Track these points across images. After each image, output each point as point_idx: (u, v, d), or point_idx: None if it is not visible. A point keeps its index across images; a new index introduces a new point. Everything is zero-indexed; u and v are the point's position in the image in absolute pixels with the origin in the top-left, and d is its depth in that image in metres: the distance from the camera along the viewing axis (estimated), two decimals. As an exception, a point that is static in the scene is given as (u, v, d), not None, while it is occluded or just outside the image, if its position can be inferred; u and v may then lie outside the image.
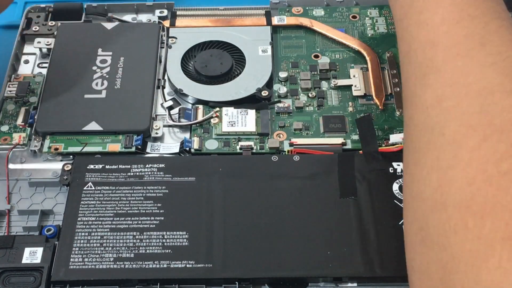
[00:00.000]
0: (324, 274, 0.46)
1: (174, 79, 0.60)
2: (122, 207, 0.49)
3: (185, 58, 0.62)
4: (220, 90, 0.59)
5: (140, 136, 0.55)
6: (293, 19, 0.66)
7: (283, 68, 0.62)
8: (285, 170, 0.52)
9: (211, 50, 0.62)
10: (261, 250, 0.47)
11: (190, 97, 0.59)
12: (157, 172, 0.51)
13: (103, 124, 0.55)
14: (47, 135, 0.55)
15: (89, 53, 0.61)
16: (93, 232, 0.48)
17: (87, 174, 0.51)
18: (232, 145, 0.55)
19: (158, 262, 0.46)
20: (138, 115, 0.56)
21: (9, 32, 0.66)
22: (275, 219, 0.49)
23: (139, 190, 0.50)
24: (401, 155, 0.53)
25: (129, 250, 0.47)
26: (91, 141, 0.55)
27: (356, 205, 0.49)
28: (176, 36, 0.64)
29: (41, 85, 0.60)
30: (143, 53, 0.61)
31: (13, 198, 0.52)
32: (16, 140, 0.55)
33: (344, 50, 0.64)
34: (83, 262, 0.46)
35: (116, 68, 0.60)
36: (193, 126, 0.57)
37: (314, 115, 0.58)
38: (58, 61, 0.61)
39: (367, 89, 0.59)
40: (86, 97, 0.58)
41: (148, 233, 0.48)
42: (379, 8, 0.67)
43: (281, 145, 0.55)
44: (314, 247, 0.47)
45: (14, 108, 0.58)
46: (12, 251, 0.47)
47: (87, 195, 0.50)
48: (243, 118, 0.57)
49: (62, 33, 0.63)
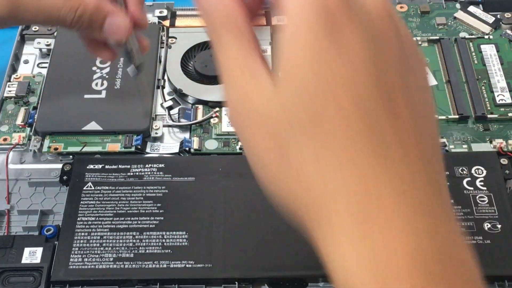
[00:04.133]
0: (324, 274, 0.46)
1: (174, 79, 0.60)
2: (121, 207, 0.49)
3: (185, 58, 0.62)
4: (220, 90, 0.59)
5: (140, 136, 0.55)
6: (293, 19, 0.66)
7: (283, 68, 0.62)
8: None
9: (211, 50, 0.62)
10: (261, 250, 0.47)
11: (190, 97, 0.59)
12: (157, 172, 0.51)
13: (103, 124, 0.55)
14: (46, 135, 0.55)
15: (89, 53, 0.61)
16: (93, 232, 0.48)
17: (86, 174, 0.51)
18: (231, 145, 0.55)
19: (157, 262, 0.46)
20: (138, 115, 0.56)
21: (9, 32, 0.66)
22: (275, 219, 0.48)
23: (139, 190, 0.50)
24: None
25: (128, 250, 0.47)
26: (91, 141, 0.55)
27: (356, 205, 0.49)
28: (176, 36, 0.64)
29: (41, 85, 0.60)
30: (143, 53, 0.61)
31: (13, 198, 0.52)
32: (16, 140, 0.55)
33: (344, 50, 0.63)
34: (83, 262, 0.46)
35: (116, 68, 0.60)
36: (192, 126, 0.57)
37: (314, 115, 0.58)
38: (58, 61, 0.61)
39: (367, 89, 0.59)
40: (86, 97, 0.58)
41: (147, 233, 0.48)
42: (379, 8, 0.67)
43: (281, 145, 0.55)
44: (314, 247, 0.47)
45: (14, 108, 0.58)
46: (11, 251, 0.47)
47: (86, 195, 0.50)
48: (243, 118, 0.57)
49: (62, 33, 0.63)
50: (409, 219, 0.23)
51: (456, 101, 0.58)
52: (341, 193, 0.23)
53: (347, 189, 0.23)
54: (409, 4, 0.68)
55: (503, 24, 0.65)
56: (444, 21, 0.66)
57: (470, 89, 0.59)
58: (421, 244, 0.23)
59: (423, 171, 0.24)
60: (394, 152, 0.23)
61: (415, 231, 0.23)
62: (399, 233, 0.23)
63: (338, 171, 0.23)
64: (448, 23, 0.66)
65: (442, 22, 0.66)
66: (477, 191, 0.50)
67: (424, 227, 0.23)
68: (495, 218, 0.49)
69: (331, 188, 0.23)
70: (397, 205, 0.23)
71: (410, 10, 0.67)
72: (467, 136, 0.56)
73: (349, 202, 0.23)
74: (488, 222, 0.49)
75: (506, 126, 0.57)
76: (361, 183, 0.23)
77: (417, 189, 0.23)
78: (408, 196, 0.23)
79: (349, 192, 0.23)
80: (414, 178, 0.23)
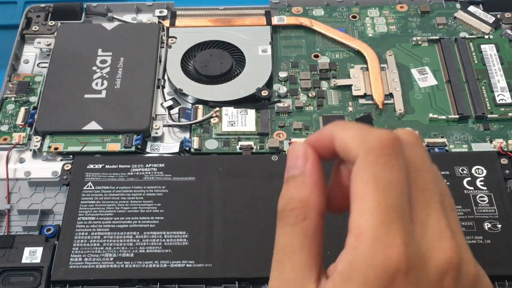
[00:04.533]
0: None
1: (174, 79, 0.60)
2: (122, 207, 0.49)
3: (185, 58, 0.62)
4: (220, 90, 0.59)
5: (140, 136, 0.55)
6: (293, 19, 0.66)
7: (283, 68, 0.62)
8: (285, 170, 0.51)
9: (211, 50, 0.62)
10: (261, 250, 0.47)
11: (190, 97, 0.59)
12: (157, 172, 0.51)
13: (103, 123, 0.55)
14: (47, 134, 0.55)
15: (89, 53, 0.61)
16: (93, 232, 0.48)
17: (87, 173, 0.51)
18: (232, 145, 0.55)
19: (158, 262, 0.46)
20: (138, 115, 0.56)
21: (9, 32, 0.66)
22: (275, 219, 0.48)
23: (139, 189, 0.50)
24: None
25: (129, 249, 0.47)
26: (91, 140, 0.55)
27: (356, 205, 0.49)
28: (176, 36, 0.64)
29: (41, 85, 0.60)
30: (143, 53, 0.61)
31: (13, 198, 0.52)
32: (16, 139, 0.55)
33: (344, 50, 0.63)
34: (83, 262, 0.46)
35: (116, 68, 0.60)
36: (193, 126, 0.57)
37: (314, 115, 0.58)
38: (58, 61, 0.61)
39: (367, 89, 0.59)
40: (86, 97, 0.58)
41: (148, 232, 0.48)
42: (379, 8, 0.67)
43: (281, 145, 0.55)
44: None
45: (14, 107, 0.58)
46: (12, 250, 0.47)
47: (87, 194, 0.50)
48: (243, 118, 0.57)
49: (62, 33, 0.63)
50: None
51: (456, 101, 0.58)
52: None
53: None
54: (409, 4, 0.68)
55: (503, 24, 0.65)
56: (444, 21, 0.66)
57: (470, 89, 0.59)
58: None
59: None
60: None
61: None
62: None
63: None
64: (448, 23, 0.66)
65: (442, 22, 0.66)
66: (477, 191, 0.50)
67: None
68: (495, 218, 0.49)
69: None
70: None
71: (410, 10, 0.67)
72: (467, 136, 0.56)
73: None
74: (488, 222, 0.49)
75: (506, 126, 0.57)
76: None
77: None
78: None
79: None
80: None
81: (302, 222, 0.27)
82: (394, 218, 0.24)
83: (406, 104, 0.58)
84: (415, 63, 0.62)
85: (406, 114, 0.58)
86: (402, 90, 0.59)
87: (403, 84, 0.60)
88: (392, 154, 0.25)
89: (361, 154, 0.25)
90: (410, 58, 0.63)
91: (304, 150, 0.28)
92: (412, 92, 0.60)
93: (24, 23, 0.65)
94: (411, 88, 0.60)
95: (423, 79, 0.61)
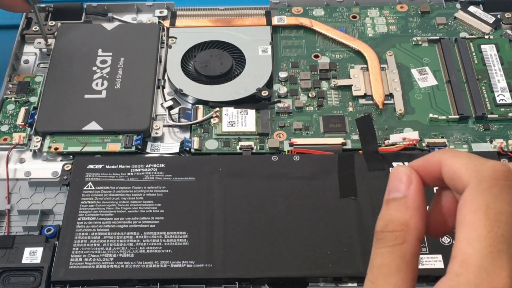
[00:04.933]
0: (324, 274, 0.46)
1: (174, 79, 0.60)
2: (122, 207, 0.49)
3: (185, 58, 0.62)
4: (220, 90, 0.59)
5: (140, 136, 0.55)
6: (293, 19, 0.66)
7: (283, 68, 0.62)
8: (285, 170, 0.52)
9: (211, 50, 0.62)
10: (261, 250, 0.47)
11: (190, 97, 0.59)
12: (157, 172, 0.51)
13: (103, 124, 0.55)
14: (47, 134, 0.55)
15: (89, 53, 0.61)
16: (93, 232, 0.48)
17: (87, 174, 0.51)
18: (232, 145, 0.55)
19: (158, 262, 0.46)
20: (138, 115, 0.56)
21: (9, 32, 0.66)
22: (275, 219, 0.48)
23: (139, 190, 0.50)
24: (401, 155, 0.53)
25: (129, 250, 0.47)
26: (91, 141, 0.55)
27: (356, 205, 0.49)
28: (176, 36, 0.64)
29: (41, 85, 0.60)
30: (143, 53, 0.61)
31: (13, 198, 0.52)
32: (16, 140, 0.55)
33: (344, 50, 0.63)
34: (83, 262, 0.46)
35: (116, 68, 0.60)
36: (193, 126, 0.57)
37: (314, 115, 0.58)
38: (58, 61, 0.61)
39: (367, 89, 0.59)
40: (86, 97, 0.58)
41: (148, 233, 0.48)
42: (379, 8, 0.67)
43: (281, 145, 0.55)
44: (314, 247, 0.47)
45: (14, 108, 0.58)
46: (12, 251, 0.47)
47: (87, 195, 0.50)
48: (243, 118, 0.57)
49: (62, 33, 0.63)
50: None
51: (457, 101, 0.58)
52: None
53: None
54: (409, 4, 0.68)
55: (503, 24, 0.65)
56: (444, 21, 0.66)
57: (470, 89, 0.59)
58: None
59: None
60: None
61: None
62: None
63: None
64: (448, 23, 0.66)
65: (442, 22, 0.66)
66: (477, 191, 0.50)
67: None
68: (495, 218, 0.49)
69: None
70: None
71: (410, 10, 0.67)
72: (467, 136, 0.56)
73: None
74: (488, 222, 0.49)
75: (506, 126, 0.57)
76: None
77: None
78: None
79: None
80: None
81: (401, 245, 0.27)
82: (502, 249, 0.24)
83: (406, 104, 0.58)
84: (415, 63, 0.62)
85: (406, 114, 0.58)
86: (402, 90, 0.59)
87: (403, 84, 0.60)
88: (506, 186, 0.25)
89: (472, 182, 0.25)
90: (410, 58, 0.63)
91: (409, 173, 0.28)
92: (412, 92, 0.60)
93: (24, 23, 0.65)
94: (411, 88, 0.60)
95: (423, 79, 0.61)
